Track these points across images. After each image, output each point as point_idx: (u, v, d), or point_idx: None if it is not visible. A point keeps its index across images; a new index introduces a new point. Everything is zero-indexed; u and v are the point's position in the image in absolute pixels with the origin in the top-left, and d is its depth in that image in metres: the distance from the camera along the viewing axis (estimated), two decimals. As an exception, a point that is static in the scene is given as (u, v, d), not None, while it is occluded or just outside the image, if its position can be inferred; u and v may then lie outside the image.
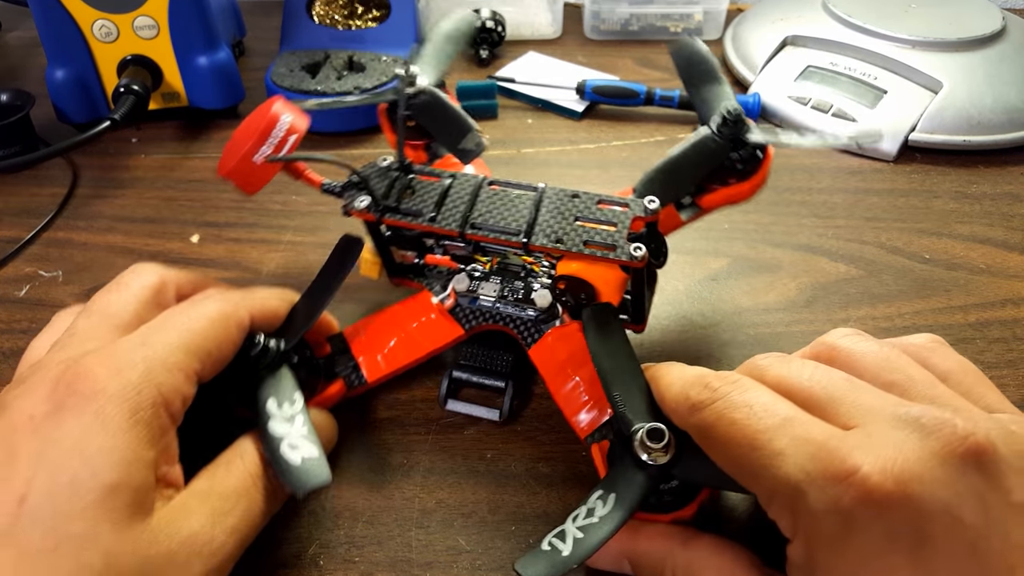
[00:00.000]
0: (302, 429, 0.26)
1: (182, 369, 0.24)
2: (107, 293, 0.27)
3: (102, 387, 0.22)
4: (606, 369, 0.26)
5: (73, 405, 0.22)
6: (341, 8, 0.58)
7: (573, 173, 0.48)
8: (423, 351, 0.32)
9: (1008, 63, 0.50)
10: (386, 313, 0.33)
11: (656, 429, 0.24)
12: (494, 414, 0.32)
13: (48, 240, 0.43)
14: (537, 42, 0.65)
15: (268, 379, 0.27)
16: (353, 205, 0.30)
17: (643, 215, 0.28)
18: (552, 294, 0.31)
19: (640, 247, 0.26)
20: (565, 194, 0.29)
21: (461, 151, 0.32)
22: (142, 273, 0.27)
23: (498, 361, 0.32)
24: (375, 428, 0.32)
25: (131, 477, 0.21)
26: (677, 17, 0.64)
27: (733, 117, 0.29)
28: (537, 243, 0.28)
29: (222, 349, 0.26)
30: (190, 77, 0.51)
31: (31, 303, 0.39)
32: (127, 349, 0.23)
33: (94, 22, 0.48)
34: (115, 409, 0.22)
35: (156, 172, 0.49)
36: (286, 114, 0.30)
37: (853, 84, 0.51)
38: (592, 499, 0.24)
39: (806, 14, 0.57)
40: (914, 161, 0.49)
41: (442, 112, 0.32)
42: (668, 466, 0.23)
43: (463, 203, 0.29)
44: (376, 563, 0.27)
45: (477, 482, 0.30)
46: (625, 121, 0.54)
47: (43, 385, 0.22)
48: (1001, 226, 0.43)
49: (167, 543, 0.21)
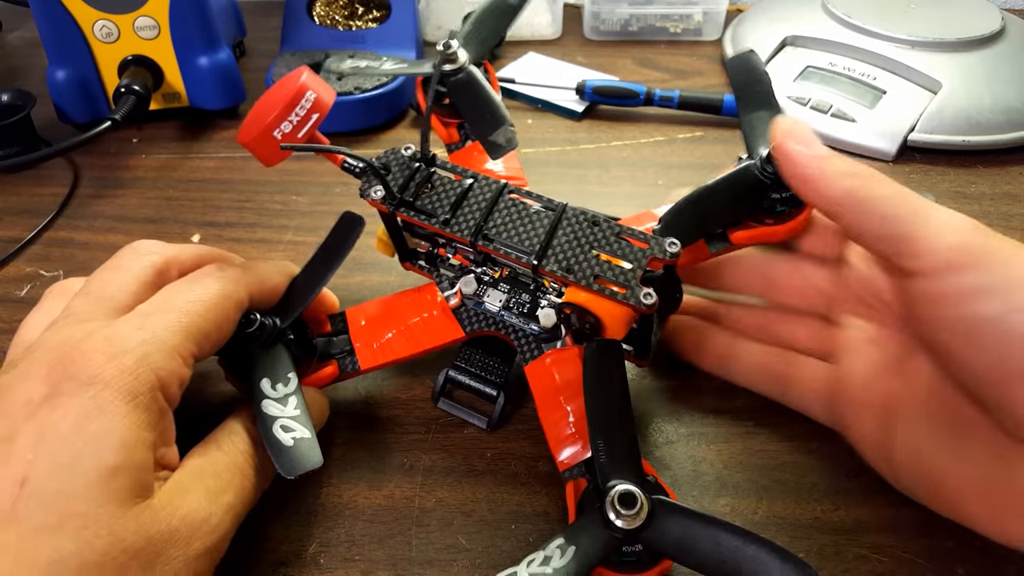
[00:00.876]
0: (295, 411, 0.26)
1: (180, 353, 0.24)
2: (107, 271, 0.26)
3: (99, 372, 0.22)
4: (595, 414, 0.25)
5: (70, 390, 0.21)
6: (341, 9, 0.59)
7: (573, 173, 0.48)
8: (420, 347, 0.31)
9: (1007, 63, 0.50)
10: (390, 300, 0.33)
11: (629, 494, 0.23)
12: (483, 421, 0.32)
13: (49, 240, 0.43)
14: (537, 42, 0.65)
15: (263, 357, 0.27)
16: (368, 193, 0.29)
17: (662, 257, 0.26)
18: (557, 316, 0.30)
19: (651, 294, 0.25)
20: (586, 218, 0.28)
21: (490, 144, 0.31)
22: (144, 253, 0.27)
23: (495, 369, 0.32)
24: (375, 427, 0.32)
25: (131, 459, 0.21)
26: (677, 18, 0.64)
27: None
28: (547, 268, 0.27)
29: (221, 330, 0.26)
30: (191, 77, 0.51)
31: (32, 303, 0.38)
32: (125, 333, 0.23)
33: (95, 22, 0.48)
34: (113, 395, 0.22)
35: (157, 172, 0.49)
36: (312, 89, 0.29)
37: (852, 84, 0.51)
38: (551, 546, 0.23)
39: (805, 15, 0.57)
40: (913, 161, 0.49)
41: (477, 95, 0.31)
42: (636, 531, 0.22)
43: (480, 210, 0.28)
44: (376, 561, 0.27)
45: (477, 481, 0.30)
46: (625, 121, 0.54)
47: (39, 369, 0.22)
48: (1000, 226, 0.43)
49: (168, 521, 0.22)
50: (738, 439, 0.31)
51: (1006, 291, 0.22)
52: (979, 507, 0.24)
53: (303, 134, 0.29)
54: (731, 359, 0.32)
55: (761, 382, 0.31)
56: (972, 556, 0.26)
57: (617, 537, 0.23)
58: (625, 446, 0.24)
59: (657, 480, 0.26)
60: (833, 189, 0.26)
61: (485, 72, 0.34)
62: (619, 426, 0.25)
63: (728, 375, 0.32)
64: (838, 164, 0.26)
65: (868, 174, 0.25)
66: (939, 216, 0.24)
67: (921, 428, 0.26)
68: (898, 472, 0.27)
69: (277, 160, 0.30)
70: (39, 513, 0.20)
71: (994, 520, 0.24)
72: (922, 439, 0.26)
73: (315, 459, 0.24)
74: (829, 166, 0.26)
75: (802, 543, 0.27)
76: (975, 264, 0.22)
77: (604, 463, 0.24)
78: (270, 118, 0.28)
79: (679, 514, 0.23)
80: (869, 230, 0.25)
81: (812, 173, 0.26)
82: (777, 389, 0.31)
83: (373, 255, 0.35)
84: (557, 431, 0.28)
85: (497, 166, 0.34)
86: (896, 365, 0.27)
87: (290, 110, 0.28)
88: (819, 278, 0.31)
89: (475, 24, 0.33)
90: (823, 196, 0.26)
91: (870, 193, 0.25)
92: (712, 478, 0.30)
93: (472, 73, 0.31)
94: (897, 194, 0.25)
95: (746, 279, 0.32)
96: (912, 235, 0.24)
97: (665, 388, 0.33)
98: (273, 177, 0.48)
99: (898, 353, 0.27)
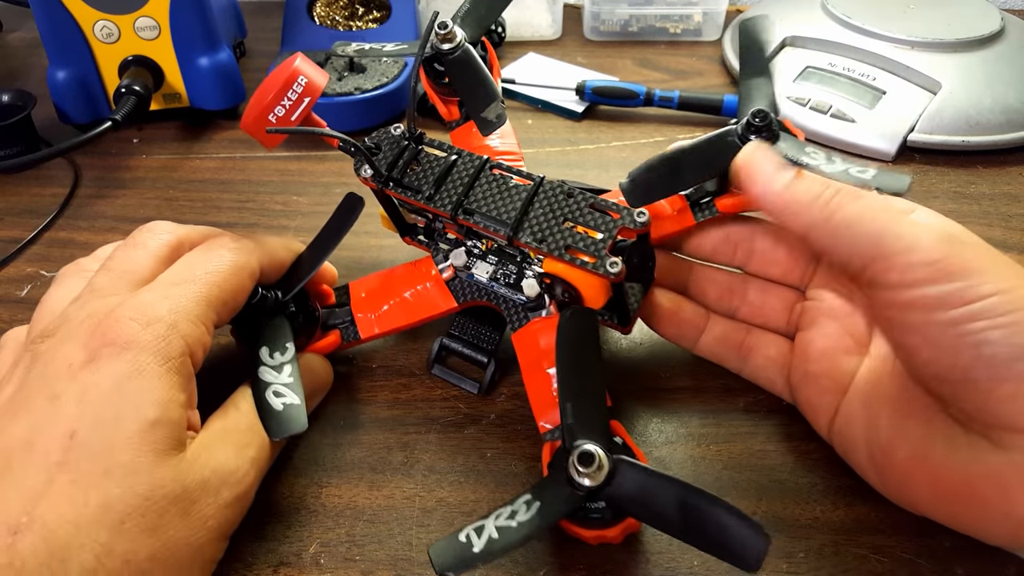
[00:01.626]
0: (288, 378, 0.28)
1: (203, 321, 0.26)
2: (126, 249, 0.28)
3: (135, 337, 0.24)
4: (565, 378, 0.26)
5: (109, 354, 0.23)
6: (342, 9, 0.59)
7: (573, 174, 0.48)
8: (416, 317, 0.33)
9: (1007, 64, 0.50)
10: (389, 273, 0.35)
11: (589, 452, 0.23)
12: (474, 387, 0.33)
13: (50, 240, 0.43)
14: (537, 43, 0.65)
15: (265, 327, 0.29)
16: (359, 172, 0.31)
17: (631, 227, 0.27)
18: (539, 285, 0.31)
19: (616, 263, 0.26)
20: (561, 191, 0.28)
21: (482, 120, 0.32)
22: (159, 232, 0.29)
23: (486, 338, 0.33)
24: (376, 427, 0.32)
25: (168, 415, 0.23)
26: (676, 18, 0.65)
27: (761, 122, 0.28)
28: (521, 240, 0.28)
29: (237, 299, 0.28)
30: (191, 78, 0.51)
31: (33, 303, 0.38)
32: (152, 302, 0.25)
33: (95, 23, 0.48)
34: (149, 357, 0.24)
35: (157, 172, 0.49)
36: (304, 74, 0.31)
37: (852, 85, 0.51)
38: (519, 502, 0.24)
39: (805, 15, 0.57)
40: (912, 162, 0.49)
41: (472, 73, 0.32)
42: (597, 488, 0.23)
43: (462, 185, 0.29)
44: (377, 561, 0.27)
45: (477, 481, 0.30)
46: (624, 122, 0.54)
47: (77, 336, 0.24)
48: (1000, 226, 0.43)
49: (200, 472, 0.24)
50: (738, 439, 0.31)
51: (982, 307, 0.22)
52: (923, 488, 0.25)
53: (296, 117, 0.31)
54: (694, 330, 0.32)
55: (722, 353, 0.32)
56: (971, 556, 0.26)
57: (579, 494, 0.23)
58: (593, 408, 0.25)
59: (626, 442, 0.27)
60: (799, 221, 0.26)
61: (484, 52, 0.35)
62: (588, 390, 0.26)
63: (692, 347, 0.33)
64: (800, 193, 0.26)
65: (830, 196, 0.25)
66: (910, 231, 0.24)
67: (874, 406, 0.27)
68: (850, 450, 0.28)
69: (275, 143, 0.31)
70: (88, 461, 0.22)
71: (935, 501, 0.25)
72: (874, 417, 0.27)
73: (300, 423, 0.26)
74: (792, 197, 0.26)
75: (801, 543, 0.27)
76: (947, 278, 0.23)
77: (571, 424, 0.25)
78: (265, 102, 0.30)
79: (641, 473, 0.23)
80: (840, 254, 0.25)
81: (776, 209, 0.27)
82: (737, 360, 0.32)
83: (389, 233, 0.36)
84: (540, 395, 0.29)
85: (494, 143, 0.35)
86: (854, 343, 0.29)
87: (283, 94, 0.30)
88: (801, 250, 0.31)
89: (474, 2, 0.34)
90: (791, 227, 0.26)
91: (837, 220, 0.25)
92: (712, 478, 0.30)
93: (468, 51, 0.32)
94: (864, 212, 0.25)
95: (729, 247, 0.32)
96: (883, 255, 0.24)
97: (665, 388, 0.34)
98: (274, 178, 0.48)
99: (859, 331, 0.29)
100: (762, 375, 0.32)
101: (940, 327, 0.23)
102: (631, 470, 0.24)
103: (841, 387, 0.29)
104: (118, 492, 0.22)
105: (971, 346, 0.22)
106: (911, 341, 0.24)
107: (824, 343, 0.29)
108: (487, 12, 0.34)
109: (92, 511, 0.21)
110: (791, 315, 0.32)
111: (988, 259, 0.23)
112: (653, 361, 0.35)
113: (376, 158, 0.31)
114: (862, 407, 0.27)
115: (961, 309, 0.22)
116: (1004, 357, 0.22)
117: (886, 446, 0.26)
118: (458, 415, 0.32)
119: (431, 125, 0.52)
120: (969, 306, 0.22)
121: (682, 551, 0.27)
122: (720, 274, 0.33)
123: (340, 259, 0.39)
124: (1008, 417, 0.22)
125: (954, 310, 0.22)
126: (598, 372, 0.26)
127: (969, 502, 0.24)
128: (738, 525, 0.22)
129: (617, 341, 0.36)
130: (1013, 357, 0.22)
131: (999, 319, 0.22)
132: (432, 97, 0.36)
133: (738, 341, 0.32)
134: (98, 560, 0.21)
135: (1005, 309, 0.22)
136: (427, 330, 0.35)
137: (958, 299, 0.22)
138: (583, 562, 0.27)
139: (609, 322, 0.32)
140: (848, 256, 0.25)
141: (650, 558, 0.27)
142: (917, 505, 0.26)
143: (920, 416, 0.25)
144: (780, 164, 0.27)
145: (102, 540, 0.21)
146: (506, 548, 0.22)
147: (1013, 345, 0.22)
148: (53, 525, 0.21)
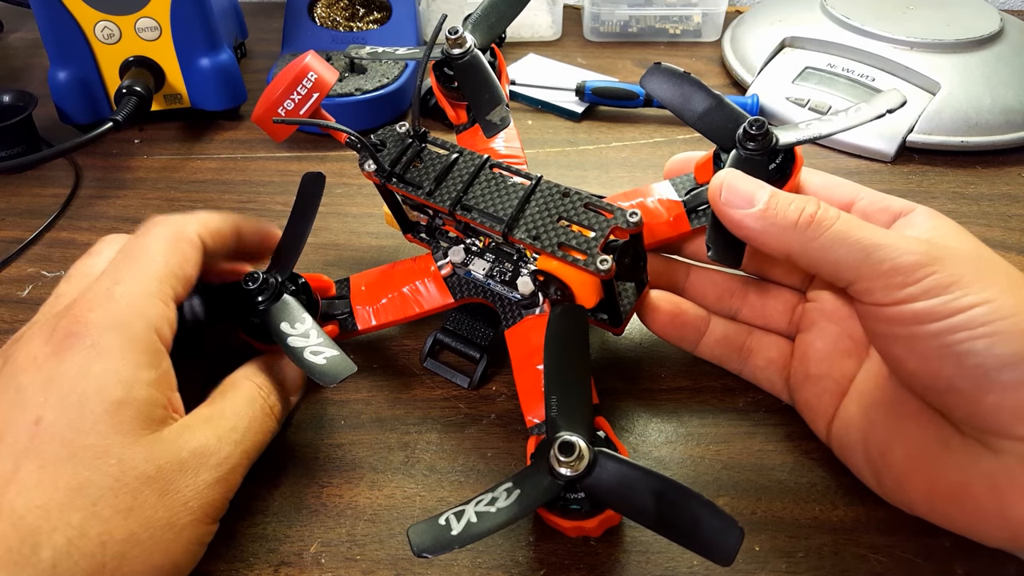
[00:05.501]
0: (318, 339, 0.28)
1: (158, 295, 0.26)
2: (85, 259, 0.29)
3: (94, 323, 0.24)
4: (551, 371, 0.26)
5: (71, 344, 0.24)
6: (342, 10, 0.59)
7: (573, 174, 0.48)
8: (412, 312, 0.34)
9: (1006, 64, 0.50)
10: (390, 268, 0.35)
11: (568, 443, 0.24)
12: (465, 381, 0.33)
13: (51, 240, 0.43)
14: (537, 44, 0.65)
15: (274, 308, 0.29)
16: (364, 167, 0.31)
17: (624, 227, 0.27)
18: (533, 283, 0.31)
19: (607, 260, 0.26)
20: (558, 190, 0.29)
21: (486, 123, 0.33)
22: (113, 241, 0.30)
23: (480, 333, 0.34)
24: (377, 427, 0.32)
25: (134, 394, 0.24)
26: (676, 19, 0.65)
27: (757, 131, 0.28)
28: (516, 236, 0.28)
29: (184, 268, 0.28)
30: (192, 78, 0.51)
31: (33, 303, 0.39)
32: (104, 288, 0.26)
33: (96, 23, 0.48)
34: (109, 339, 0.24)
35: (158, 173, 0.49)
36: (314, 70, 0.31)
37: (851, 85, 0.51)
38: (500, 489, 0.24)
39: (804, 16, 0.57)
40: (912, 162, 0.49)
41: (479, 77, 0.33)
42: (577, 478, 0.24)
43: (462, 182, 0.30)
44: (377, 561, 0.27)
45: (478, 481, 0.30)
46: (624, 122, 0.54)
47: (40, 335, 0.25)
48: (999, 226, 0.43)
49: (177, 453, 0.24)
50: (737, 439, 0.31)
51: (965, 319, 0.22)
52: (919, 490, 0.25)
53: (304, 111, 0.32)
54: (695, 332, 0.32)
55: (723, 355, 0.32)
56: (971, 556, 0.27)
57: (559, 483, 0.24)
58: (577, 402, 0.26)
59: (609, 436, 0.27)
60: (779, 246, 0.26)
61: (493, 57, 0.36)
62: (573, 383, 0.26)
63: (693, 349, 0.33)
64: (779, 219, 0.26)
65: (808, 221, 0.25)
66: (890, 251, 0.24)
67: (872, 408, 0.27)
68: (848, 452, 0.28)
69: (284, 135, 0.33)
70: (54, 446, 0.22)
71: (931, 502, 0.25)
72: (872, 419, 0.27)
73: (349, 367, 0.27)
74: (770, 223, 0.26)
75: (801, 543, 0.27)
76: (927, 294, 0.23)
77: (555, 417, 0.25)
78: (276, 95, 0.31)
79: (620, 465, 0.24)
80: (823, 274, 0.26)
81: (755, 236, 0.27)
82: (738, 361, 0.32)
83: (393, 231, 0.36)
84: (529, 391, 0.30)
85: (499, 146, 0.35)
86: (853, 346, 0.29)
87: (292, 88, 0.31)
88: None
89: (486, 9, 0.35)
90: (772, 251, 0.27)
91: (816, 245, 0.25)
92: (712, 478, 0.30)
93: (477, 56, 0.33)
94: (842, 234, 0.25)
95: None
96: (864, 276, 0.24)
97: (664, 388, 0.34)
98: (274, 178, 0.48)
99: (858, 334, 0.29)
100: (762, 376, 0.32)
101: (923, 340, 0.23)
102: (610, 462, 0.24)
103: (840, 389, 0.29)
104: (87, 474, 0.22)
105: (955, 357, 0.22)
106: (897, 352, 0.24)
107: (824, 345, 0.30)
108: (498, 20, 0.35)
109: (62, 494, 0.21)
110: (792, 316, 0.32)
111: (971, 269, 0.23)
112: (653, 361, 0.35)
113: (381, 154, 0.31)
114: (860, 409, 0.28)
115: (943, 322, 0.22)
116: (988, 367, 0.22)
117: (883, 448, 0.26)
118: (459, 415, 0.32)
119: (432, 125, 0.52)
120: (951, 319, 0.22)
121: (682, 550, 0.27)
122: (720, 276, 0.33)
123: (341, 258, 0.40)
124: (996, 424, 0.23)
125: (936, 323, 0.23)
126: (584, 367, 0.26)
127: (964, 504, 0.24)
128: (712, 518, 0.22)
129: (617, 341, 0.36)
130: (997, 366, 0.22)
131: (980, 329, 0.22)
132: (441, 101, 0.36)
133: (739, 343, 0.32)
134: (71, 543, 0.21)
135: (987, 319, 0.22)
136: (428, 329, 0.35)
137: (940, 312, 0.23)
138: (584, 562, 0.27)
139: (601, 322, 0.32)
140: (831, 276, 0.25)
141: (650, 558, 0.27)
142: (914, 506, 0.26)
143: (917, 419, 0.25)
144: (753, 189, 0.26)
145: (75, 523, 0.21)
146: (484, 532, 0.23)
147: (996, 355, 0.22)
148: (22, 511, 0.21)
